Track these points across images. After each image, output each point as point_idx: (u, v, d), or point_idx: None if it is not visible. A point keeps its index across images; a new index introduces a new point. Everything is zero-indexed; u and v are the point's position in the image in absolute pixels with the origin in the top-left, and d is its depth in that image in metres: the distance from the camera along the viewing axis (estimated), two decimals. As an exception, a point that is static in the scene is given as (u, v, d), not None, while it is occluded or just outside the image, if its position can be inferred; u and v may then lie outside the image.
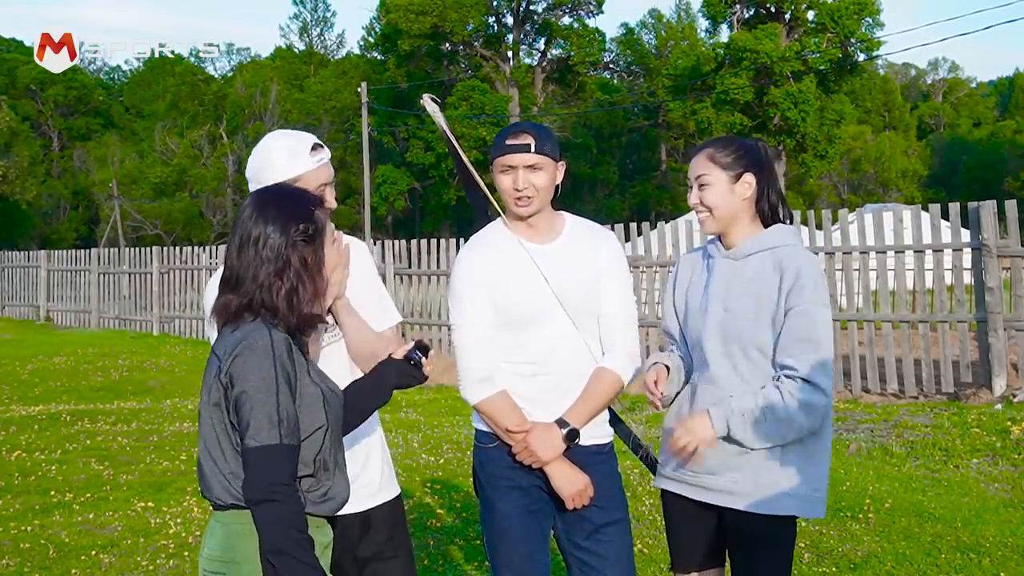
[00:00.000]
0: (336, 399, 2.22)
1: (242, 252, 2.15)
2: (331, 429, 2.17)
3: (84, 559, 5.09)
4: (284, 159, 2.62)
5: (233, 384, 2.05)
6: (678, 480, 2.77)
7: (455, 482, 6.48)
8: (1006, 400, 8.57)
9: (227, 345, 2.10)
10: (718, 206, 2.70)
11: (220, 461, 2.10)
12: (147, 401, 10.86)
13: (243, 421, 2.04)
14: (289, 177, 2.57)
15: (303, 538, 2.00)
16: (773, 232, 2.72)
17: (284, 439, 2.02)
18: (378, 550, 2.73)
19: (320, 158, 2.65)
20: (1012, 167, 55.26)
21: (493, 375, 2.74)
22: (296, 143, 2.65)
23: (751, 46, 34.86)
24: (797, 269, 2.60)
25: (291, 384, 2.07)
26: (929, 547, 4.84)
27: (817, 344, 2.55)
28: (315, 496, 2.15)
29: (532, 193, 2.72)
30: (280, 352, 2.07)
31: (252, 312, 2.13)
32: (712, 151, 2.73)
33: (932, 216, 9.59)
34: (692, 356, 2.79)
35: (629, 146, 55.74)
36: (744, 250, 2.71)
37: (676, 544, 2.84)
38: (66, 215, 52.53)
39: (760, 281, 2.65)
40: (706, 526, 2.77)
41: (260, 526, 2.00)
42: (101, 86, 62.67)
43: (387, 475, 2.83)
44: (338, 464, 2.22)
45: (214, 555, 2.12)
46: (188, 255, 18.02)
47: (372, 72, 48.43)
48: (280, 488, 2.00)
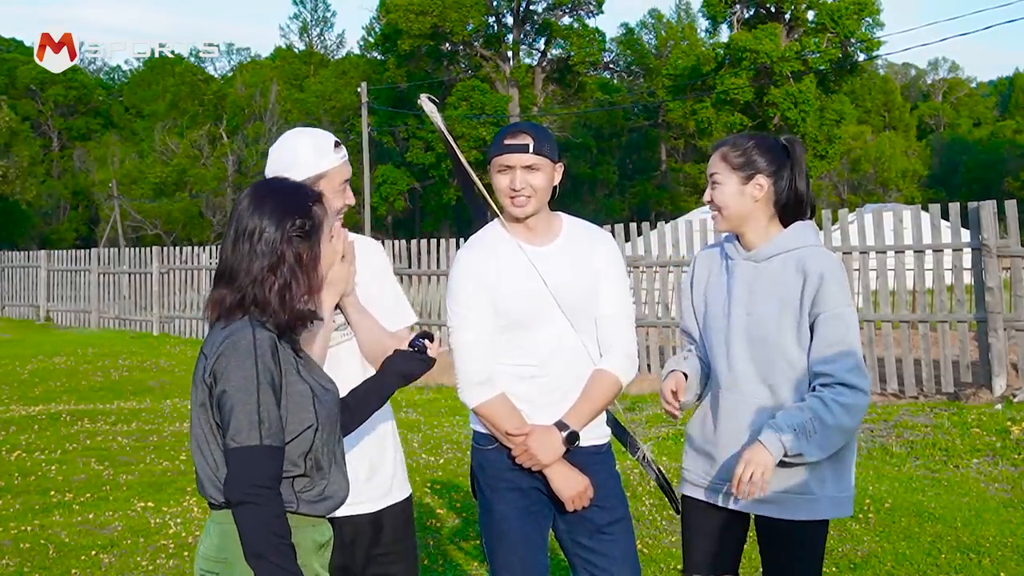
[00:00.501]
0: (329, 395, 2.20)
1: (237, 245, 2.14)
2: (322, 427, 2.14)
3: (84, 559, 5.09)
4: (311, 155, 2.63)
5: (216, 383, 2.05)
6: (706, 487, 2.74)
7: (455, 482, 6.48)
8: (1006, 400, 8.57)
9: (213, 344, 2.10)
10: (728, 206, 2.70)
11: (210, 461, 2.09)
12: (147, 401, 10.86)
13: (224, 421, 2.03)
14: (315, 173, 2.59)
15: (283, 543, 1.98)
16: (793, 233, 2.70)
17: (265, 440, 2.00)
18: (385, 551, 2.71)
19: (342, 155, 2.68)
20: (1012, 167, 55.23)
21: (492, 377, 2.74)
22: (321, 140, 2.67)
23: (751, 46, 34.86)
24: (820, 272, 2.59)
25: (274, 384, 2.05)
26: (929, 547, 4.84)
27: (850, 346, 2.56)
28: (310, 496, 2.14)
29: (529, 193, 2.71)
30: (263, 352, 2.05)
31: (243, 310, 2.11)
32: (726, 150, 2.72)
33: (932, 216, 9.58)
34: (712, 359, 2.76)
35: (629, 146, 55.71)
36: (765, 252, 2.69)
37: (696, 549, 2.80)
38: (66, 215, 52.53)
39: (783, 284, 2.64)
40: (730, 533, 2.76)
41: (240, 528, 1.99)
42: (101, 86, 62.64)
43: (399, 476, 2.82)
44: (335, 462, 2.20)
45: (209, 555, 2.11)
46: (188, 255, 18.02)
47: (372, 72, 48.40)
48: (260, 490, 1.98)
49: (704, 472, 2.75)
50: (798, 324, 2.60)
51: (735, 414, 2.67)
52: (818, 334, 2.57)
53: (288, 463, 2.08)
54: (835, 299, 2.57)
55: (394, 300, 2.80)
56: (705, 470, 2.74)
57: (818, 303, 2.58)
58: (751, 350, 2.65)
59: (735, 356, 2.67)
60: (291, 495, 2.11)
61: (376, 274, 2.76)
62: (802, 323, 2.60)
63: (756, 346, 2.64)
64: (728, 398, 2.68)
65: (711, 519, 2.76)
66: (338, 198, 2.65)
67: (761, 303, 2.66)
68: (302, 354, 2.23)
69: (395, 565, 2.72)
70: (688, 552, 2.82)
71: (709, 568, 2.77)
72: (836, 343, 2.55)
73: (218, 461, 2.08)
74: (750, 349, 2.65)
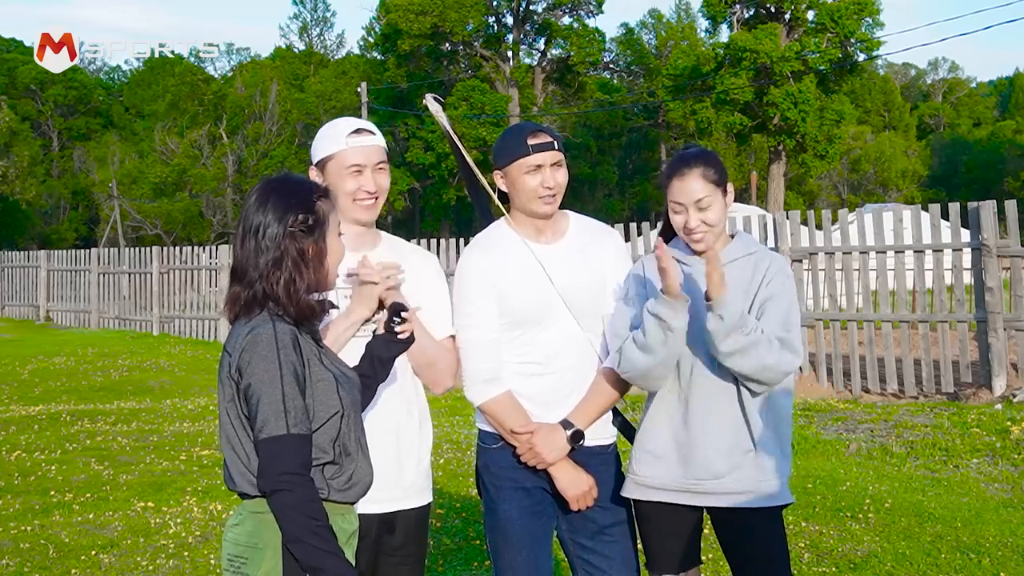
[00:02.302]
0: (350, 383, 2.25)
1: (244, 242, 2.19)
2: (347, 414, 2.20)
3: (84, 559, 5.09)
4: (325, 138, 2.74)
5: (242, 378, 2.10)
6: (672, 490, 2.75)
7: (455, 482, 6.48)
8: (1006, 400, 8.57)
9: (235, 340, 2.15)
10: (719, 222, 2.75)
11: (241, 455, 2.14)
12: (147, 401, 10.86)
13: (252, 414, 2.09)
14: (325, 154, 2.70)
15: (320, 524, 2.03)
16: (743, 240, 2.83)
17: (292, 429, 2.06)
18: (391, 553, 2.69)
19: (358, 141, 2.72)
20: (1012, 167, 55.23)
21: (498, 375, 2.74)
22: (342, 124, 2.77)
23: (751, 46, 34.82)
24: (774, 271, 2.74)
25: (297, 374, 2.11)
26: (929, 547, 4.84)
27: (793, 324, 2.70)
28: (339, 483, 2.19)
29: (559, 191, 2.76)
30: (284, 344, 2.10)
31: (259, 305, 2.17)
32: (702, 170, 2.73)
33: (932, 216, 9.59)
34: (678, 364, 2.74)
35: (629, 146, 55.72)
36: (727, 256, 2.75)
37: (656, 547, 2.83)
38: (66, 215, 52.52)
39: (745, 284, 2.72)
40: (687, 527, 2.80)
41: (277, 516, 2.05)
42: (101, 86, 62.65)
43: (420, 482, 2.76)
44: (361, 447, 2.25)
45: (240, 540, 2.16)
46: (188, 255, 18.02)
47: (372, 72, 48.40)
48: (291, 477, 2.04)
49: (677, 476, 2.74)
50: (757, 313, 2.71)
51: (708, 412, 2.70)
52: (767, 315, 2.68)
53: (318, 450, 2.14)
54: (781, 288, 2.71)
55: (443, 309, 2.81)
56: (678, 474, 2.74)
57: (769, 292, 2.70)
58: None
59: (706, 357, 2.69)
60: (322, 483, 2.16)
61: (425, 283, 2.77)
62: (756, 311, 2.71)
63: None
64: (698, 397, 2.71)
65: (666, 516, 2.77)
66: (346, 181, 2.67)
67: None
68: (322, 344, 2.28)
69: (401, 568, 2.71)
70: (652, 551, 2.84)
71: (677, 563, 2.82)
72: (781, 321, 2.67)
73: (250, 454, 2.13)
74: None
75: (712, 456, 2.67)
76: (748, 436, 2.68)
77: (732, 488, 2.69)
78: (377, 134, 2.77)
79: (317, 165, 2.73)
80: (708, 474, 2.68)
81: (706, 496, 2.72)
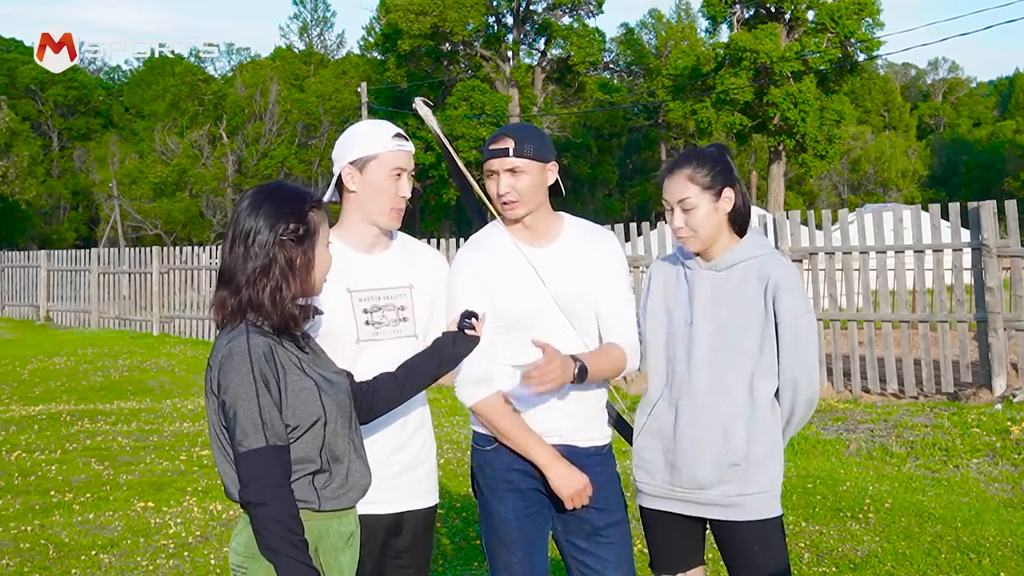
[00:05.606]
0: (336, 387, 2.24)
1: (234, 246, 2.20)
2: (332, 419, 2.20)
3: (84, 559, 5.09)
4: (368, 137, 2.70)
5: (219, 393, 2.12)
6: (662, 497, 2.78)
7: (454, 482, 6.48)
8: (1006, 400, 8.57)
9: (215, 355, 2.16)
10: (704, 226, 2.70)
11: (230, 466, 2.16)
12: (147, 401, 10.86)
13: (230, 428, 2.10)
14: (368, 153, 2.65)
15: (296, 538, 2.05)
16: (750, 242, 2.75)
17: (270, 441, 2.08)
18: (397, 555, 2.68)
19: (401, 145, 2.71)
20: (1012, 167, 55.24)
21: (490, 376, 2.73)
22: (383, 126, 2.75)
23: (751, 46, 34.81)
24: (779, 279, 2.67)
25: (270, 386, 2.11)
26: (929, 547, 4.84)
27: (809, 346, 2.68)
28: (331, 491, 2.19)
29: (515, 197, 2.71)
30: (257, 356, 2.11)
31: (241, 313, 2.17)
32: (690, 172, 2.70)
33: (932, 216, 9.58)
34: (670, 367, 2.77)
35: (629, 146, 55.70)
36: (726, 261, 2.73)
37: (661, 550, 2.87)
38: (66, 215, 52.52)
39: (745, 292, 2.69)
40: (692, 532, 2.83)
41: (255, 527, 2.07)
42: (101, 86, 62.64)
43: (427, 483, 2.75)
44: (354, 450, 2.25)
45: (239, 549, 2.18)
46: (188, 255, 18.02)
47: (372, 72, 48.39)
48: (272, 490, 2.06)
49: (664, 483, 2.76)
50: (762, 332, 2.66)
51: (696, 421, 2.69)
52: (782, 338, 2.66)
53: (305, 460, 2.15)
54: (795, 304, 2.66)
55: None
56: (666, 480, 2.76)
57: (779, 308, 2.65)
58: (713, 358, 2.68)
59: (697, 364, 2.69)
60: (312, 494, 2.17)
61: (433, 280, 2.78)
62: (766, 330, 2.66)
63: (719, 354, 2.68)
64: (687, 405, 2.70)
65: (671, 523, 2.81)
66: (390, 183, 2.66)
67: (725, 312, 2.69)
68: (308, 348, 2.27)
69: (407, 571, 2.70)
70: (656, 552, 2.88)
71: (680, 564, 2.85)
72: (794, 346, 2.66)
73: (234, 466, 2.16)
74: (712, 357, 2.68)
75: (696, 466, 2.67)
76: (734, 449, 2.65)
77: (717, 500, 2.69)
78: (410, 141, 2.76)
79: (354, 163, 2.66)
80: (693, 484, 2.69)
81: (694, 506, 2.73)
